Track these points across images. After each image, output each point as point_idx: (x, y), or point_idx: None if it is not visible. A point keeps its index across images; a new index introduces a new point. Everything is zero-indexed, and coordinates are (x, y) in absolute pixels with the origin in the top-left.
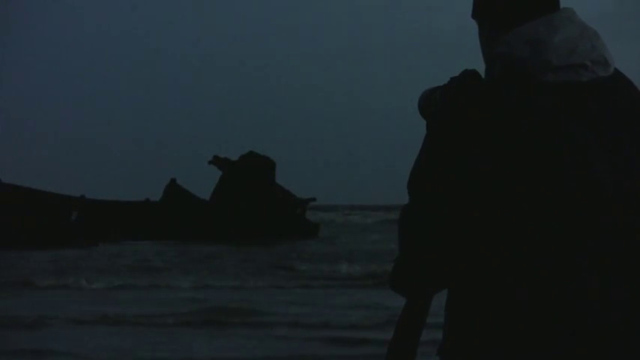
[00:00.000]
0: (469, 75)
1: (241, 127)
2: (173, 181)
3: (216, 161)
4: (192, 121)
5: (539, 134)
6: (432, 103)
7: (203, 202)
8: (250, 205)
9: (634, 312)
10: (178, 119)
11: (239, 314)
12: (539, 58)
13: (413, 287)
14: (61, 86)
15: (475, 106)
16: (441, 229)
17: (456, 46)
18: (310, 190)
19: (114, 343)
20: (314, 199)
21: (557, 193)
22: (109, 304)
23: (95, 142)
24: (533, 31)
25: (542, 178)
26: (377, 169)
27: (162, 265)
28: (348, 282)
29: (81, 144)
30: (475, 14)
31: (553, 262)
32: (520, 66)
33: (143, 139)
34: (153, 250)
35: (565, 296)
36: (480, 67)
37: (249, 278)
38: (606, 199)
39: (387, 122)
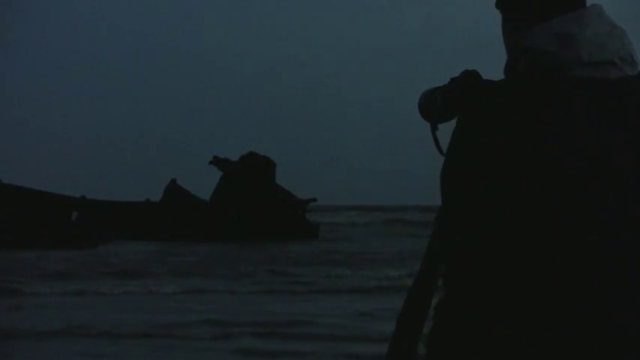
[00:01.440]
0: (469, 75)
1: (241, 127)
2: (173, 181)
3: (216, 161)
4: (192, 121)
5: (562, 131)
6: (433, 104)
7: (203, 202)
8: (250, 205)
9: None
10: (178, 119)
11: (236, 324)
12: (569, 52)
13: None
14: (61, 86)
15: (496, 105)
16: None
17: (457, 46)
18: (310, 190)
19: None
20: (314, 200)
21: (576, 190)
22: (94, 313)
23: (95, 142)
24: (563, 25)
25: (563, 176)
26: (377, 169)
27: (156, 268)
28: (347, 287)
29: (81, 144)
30: (500, 4)
31: (573, 265)
32: (547, 60)
33: (143, 139)
34: (152, 251)
35: (574, 305)
36: (480, 68)
37: (248, 283)
38: (631, 198)
39: (387, 122)
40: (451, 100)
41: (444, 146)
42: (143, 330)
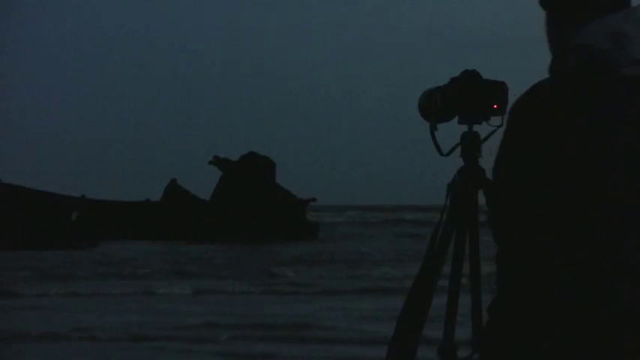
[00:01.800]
0: (469, 75)
1: (241, 127)
2: (173, 181)
3: (216, 161)
4: (192, 121)
5: (613, 130)
6: (432, 104)
7: (203, 202)
8: (250, 205)
9: None
10: (178, 119)
11: (233, 326)
12: (621, 50)
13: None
14: (61, 86)
15: (546, 104)
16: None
17: (457, 46)
18: (310, 190)
19: None
20: (314, 200)
21: (625, 188)
22: (93, 315)
23: (95, 142)
24: (615, 23)
25: (613, 175)
26: (377, 169)
27: (156, 269)
28: (346, 288)
29: (81, 144)
30: (546, 3)
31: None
32: (599, 58)
33: (143, 139)
34: (152, 251)
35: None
36: (480, 68)
37: (247, 284)
38: None
39: (387, 122)
40: (450, 101)
41: (444, 146)
42: (142, 332)
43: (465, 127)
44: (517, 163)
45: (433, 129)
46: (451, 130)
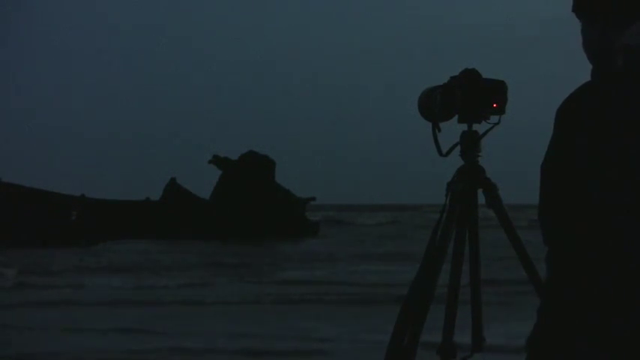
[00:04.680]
0: (469, 73)
1: (241, 127)
2: (173, 180)
3: (216, 161)
4: (192, 121)
5: None
6: (432, 103)
7: (203, 201)
8: (250, 204)
9: None
10: (178, 119)
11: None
12: None
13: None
14: (61, 85)
15: (599, 102)
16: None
17: (457, 45)
18: (310, 189)
19: None
20: (314, 199)
21: None
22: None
23: (95, 141)
24: None
25: None
26: (377, 169)
27: (154, 271)
28: (347, 293)
29: (81, 144)
30: (587, 9)
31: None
32: None
33: (143, 139)
34: (151, 251)
35: None
36: (480, 67)
37: (245, 292)
38: None
39: (387, 121)
40: (450, 99)
41: (443, 146)
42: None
43: (464, 126)
44: (567, 161)
45: (436, 129)
46: (450, 129)
